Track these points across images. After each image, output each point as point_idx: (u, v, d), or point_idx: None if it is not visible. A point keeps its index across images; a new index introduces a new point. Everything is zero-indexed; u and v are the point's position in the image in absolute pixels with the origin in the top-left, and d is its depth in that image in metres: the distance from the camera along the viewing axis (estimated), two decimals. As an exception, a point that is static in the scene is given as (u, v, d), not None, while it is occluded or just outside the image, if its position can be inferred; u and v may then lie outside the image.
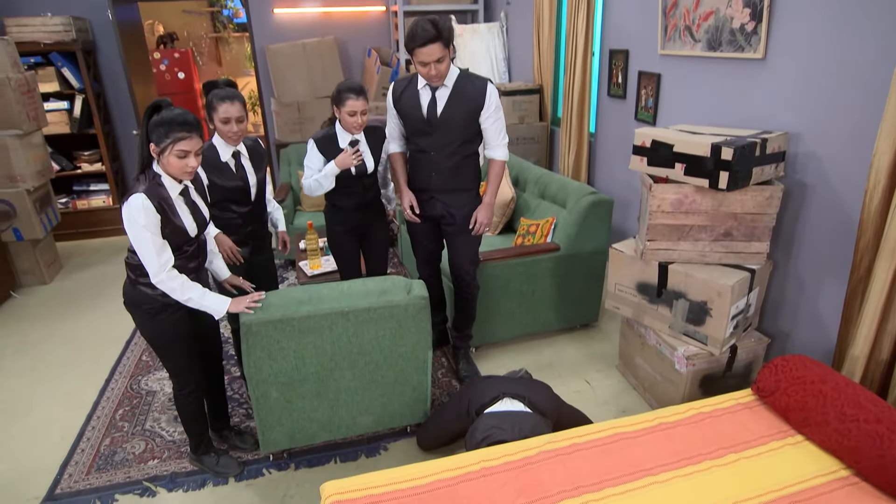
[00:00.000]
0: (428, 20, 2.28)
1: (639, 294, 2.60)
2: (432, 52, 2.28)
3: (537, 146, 4.58)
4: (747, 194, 2.28)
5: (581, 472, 1.71)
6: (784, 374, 1.92)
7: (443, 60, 2.33)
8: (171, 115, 1.82)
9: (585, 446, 1.81)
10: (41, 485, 2.32)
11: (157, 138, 1.81)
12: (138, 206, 1.79)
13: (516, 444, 1.83)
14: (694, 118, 2.93)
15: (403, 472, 1.71)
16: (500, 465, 1.74)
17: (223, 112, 2.26)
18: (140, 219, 1.80)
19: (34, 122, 3.96)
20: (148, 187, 1.83)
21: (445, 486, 1.67)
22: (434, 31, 2.26)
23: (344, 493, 1.62)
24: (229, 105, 2.26)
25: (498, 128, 2.56)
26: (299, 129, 5.26)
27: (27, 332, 3.56)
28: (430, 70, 2.34)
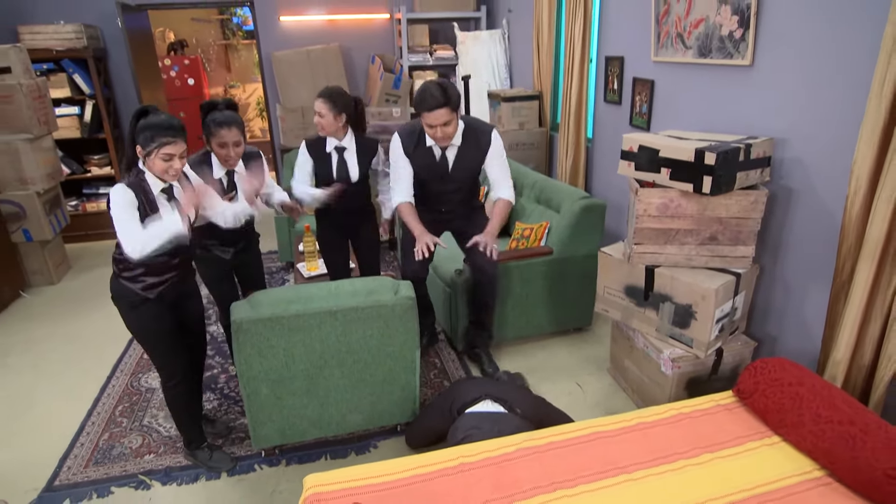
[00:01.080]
0: (437, 85, 2.46)
1: (627, 297, 2.63)
2: (440, 117, 2.46)
3: (536, 151, 4.62)
4: (732, 199, 2.30)
5: (557, 468, 1.74)
6: (763, 376, 1.94)
7: (450, 123, 2.50)
8: (158, 120, 1.91)
9: (563, 444, 1.85)
10: (41, 476, 2.39)
11: (143, 141, 1.90)
12: (117, 191, 1.90)
13: (495, 442, 1.87)
14: (686, 124, 2.96)
15: (382, 467, 1.76)
16: (478, 461, 1.78)
17: (220, 137, 2.32)
18: (119, 200, 1.89)
19: (45, 126, 4.07)
20: (131, 181, 1.94)
21: (423, 481, 1.71)
22: (442, 97, 2.44)
23: (324, 486, 1.67)
24: (227, 131, 2.31)
25: (504, 172, 2.75)
26: (303, 134, 5.33)
27: (34, 330, 3.65)
28: (436, 132, 2.52)
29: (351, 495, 1.63)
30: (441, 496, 1.65)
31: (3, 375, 3.15)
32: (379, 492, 1.66)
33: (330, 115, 2.65)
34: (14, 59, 3.81)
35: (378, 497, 1.63)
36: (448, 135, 2.53)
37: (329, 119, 2.64)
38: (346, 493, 1.64)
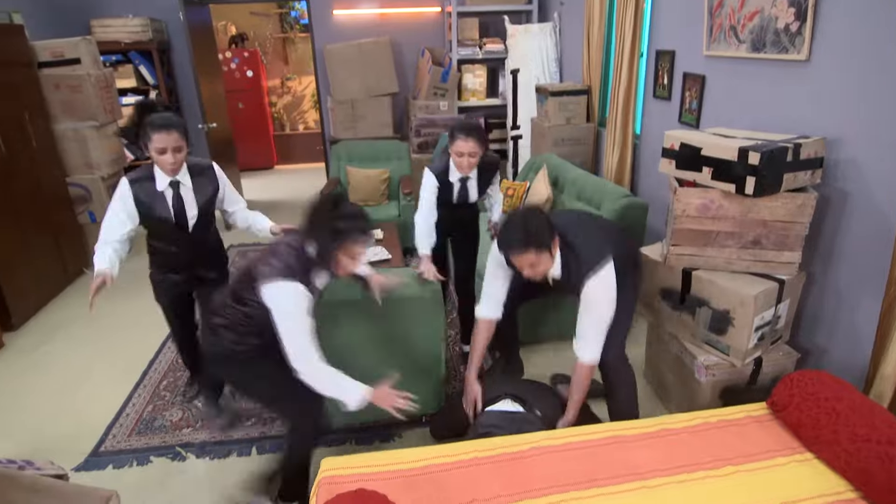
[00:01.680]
0: (521, 220, 2.01)
1: (662, 300, 2.54)
2: (525, 260, 1.98)
3: (583, 147, 4.52)
4: (777, 201, 2.19)
5: (571, 470, 1.71)
6: (799, 388, 1.84)
7: (536, 265, 2.00)
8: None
9: (580, 446, 1.82)
10: (89, 442, 2.57)
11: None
12: (295, 293, 1.77)
13: (512, 438, 1.86)
14: (736, 122, 2.82)
15: (396, 456, 1.78)
16: (492, 456, 1.78)
17: (158, 142, 2.07)
18: (299, 303, 1.79)
19: (110, 114, 4.33)
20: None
21: (435, 472, 1.72)
22: (523, 237, 1.96)
23: (338, 470, 1.71)
24: (165, 135, 2.07)
25: (592, 323, 2.11)
26: (352, 126, 5.45)
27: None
28: (523, 271, 2.05)
29: (362, 481, 1.66)
30: (451, 488, 1.66)
31: (67, 347, 3.38)
32: (390, 479, 1.68)
33: (480, 151, 2.55)
34: (83, 50, 4.06)
35: (389, 484, 1.65)
36: (540, 273, 2.06)
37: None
38: (357, 478, 1.68)
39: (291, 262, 1.78)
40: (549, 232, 1.97)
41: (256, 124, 7.54)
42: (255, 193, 6.55)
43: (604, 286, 2.04)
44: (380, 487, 1.63)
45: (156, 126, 2.07)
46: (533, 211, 2.04)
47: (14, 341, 3.43)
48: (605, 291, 2.06)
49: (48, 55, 4.02)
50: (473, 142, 2.50)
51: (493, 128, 5.77)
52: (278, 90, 7.87)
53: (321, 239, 1.76)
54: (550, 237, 1.97)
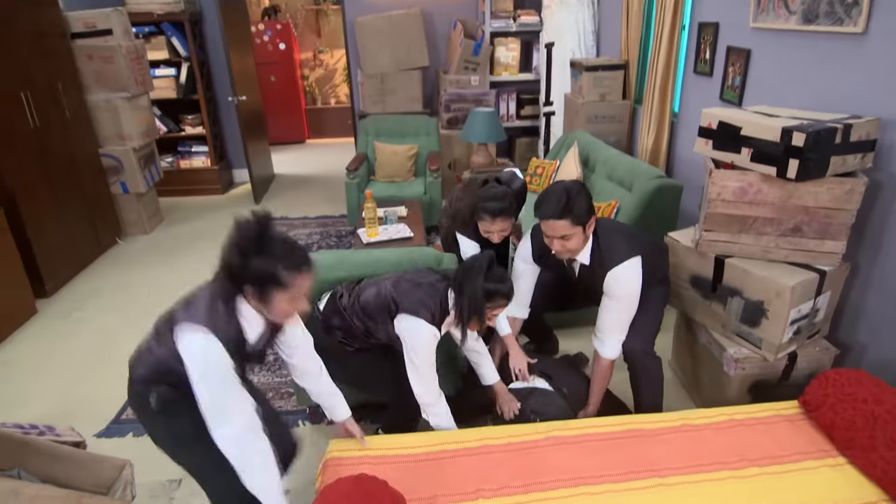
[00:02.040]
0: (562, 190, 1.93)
1: (692, 287, 2.42)
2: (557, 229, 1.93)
3: (618, 125, 4.35)
4: (822, 186, 2.03)
5: (584, 463, 1.65)
6: (835, 388, 1.72)
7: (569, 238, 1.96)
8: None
9: (596, 438, 1.75)
10: (112, 409, 2.62)
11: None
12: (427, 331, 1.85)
13: (523, 427, 1.80)
14: (782, 100, 2.63)
15: (403, 440, 1.75)
16: (502, 444, 1.73)
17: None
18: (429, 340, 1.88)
19: (141, 86, 4.35)
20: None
21: (442, 458, 1.68)
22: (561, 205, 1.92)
23: (343, 452, 1.68)
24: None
25: (616, 318, 2.10)
26: (382, 100, 5.36)
27: (125, 274, 3.98)
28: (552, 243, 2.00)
29: (368, 464, 1.63)
30: (458, 475, 1.62)
31: (96, 314, 3.46)
32: (397, 463, 1.65)
33: (510, 227, 2.31)
34: (115, 21, 4.07)
35: (394, 469, 1.62)
36: (568, 251, 2.00)
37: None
38: (363, 461, 1.65)
39: (434, 305, 1.84)
40: (588, 209, 1.94)
41: (288, 98, 7.52)
42: (285, 168, 6.57)
43: (628, 277, 2.02)
44: (384, 472, 1.60)
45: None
46: (578, 184, 1.99)
47: (47, 308, 3.53)
48: (630, 282, 2.03)
49: (81, 26, 4.05)
50: (501, 222, 2.30)
51: (525, 104, 5.61)
52: (310, 63, 7.83)
53: (472, 296, 1.79)
54: (588, 215, 1.94)
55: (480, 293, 1.79)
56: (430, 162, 4.51)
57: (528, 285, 2.27)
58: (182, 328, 1.42)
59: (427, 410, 1.95)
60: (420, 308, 1.82)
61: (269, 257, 1.41)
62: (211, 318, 1.43)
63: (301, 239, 4.52)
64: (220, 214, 5.14)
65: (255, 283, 1.42)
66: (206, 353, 1.41)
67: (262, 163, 5.74)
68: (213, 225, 4.87)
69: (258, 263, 1.40)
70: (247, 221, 1.41)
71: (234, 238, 1.41)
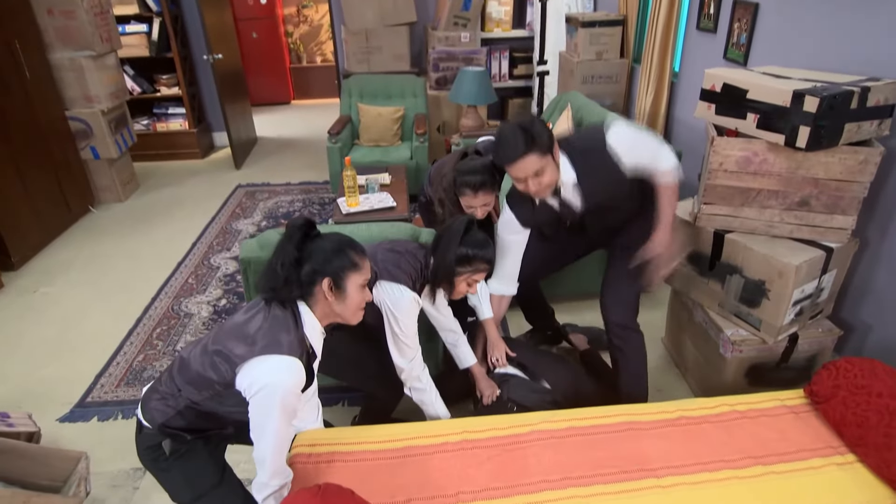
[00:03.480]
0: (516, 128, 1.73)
1: (689, 264, 2.27)
2: (526, 167, 1.74)
3: (614, 86, 4.11)
4: (835, 156, 1.86)
5: (573, 461, 1.52)
6: (846, 379, 1.59)
7: (543, 171, 1.76)
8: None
9: (586, 432, 1.62)
10: (77, 391, 2.49)
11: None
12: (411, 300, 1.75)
13: (507, 419, 1.67)
14: (792, 59, 2.43)
15: (377, 432, 1.62)
16: (484, 439, 1.60)
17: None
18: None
19: (107, 43, 4.07)
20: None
21: (418, 454, 1.56)
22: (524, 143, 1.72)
23: (312, 447, 1.55)
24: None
25: (651, 152, 1.89)
26: (366, 59, 5.07)
27: (97, 245, 3.80)
28: (527, 186, 1.79)
29: (336, 461, 1.50)
30: (436, 476, 1.49)
31: (64, 289, 3.30)
32: (369, 461, 1.53)
33: (493, 199, 2.13)
34: (74, -28, 3.77)
35: (367, 467, 1.50)
36: (547, 186, 1.81)
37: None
38: (333, 457, 1.52)
39: (415, 270, 1.75)
40: (547, 133, 1.76)
41: (271, 56, 7.18)
42: (269, 130, 6.31)
43: (625, 129, 1.85)
44: (355, 471, 1.48)
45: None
46: (527, 114, 1.81)
47: (13, 282, 3.36)
48: (629, 129, 1.87)
49: (39, -23, 3.75)
50: (483, 195, 2.12)
51: (518, 62, 5.33)
52: (294, 19, 7.44)
53: (443, 258, 1.71)
54: (551, 139, 1.77)
55: (452, 255, 1.69)
56: (416, 125, 4.29)
57: (514, 259, 2.10)
58: (260, 360, 1.27)
59: (410, 384, 1.84)
60: (400, 274, 1.73)
61: (335, 242, 1.38)
62: (287, 340, 1.30)
63: (283, 207, 4.33)
64: (199, 180, 4.92)
65: (332, 271, 1.35)
66: (290, 376, 1.28)
67: (243, 125, 5.49)
68: (191, 191, 4.67)
69: (329, 248, 1.36)
70: (294, 224, 1.37)
71: (289, 243, 1.35)
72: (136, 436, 1.45)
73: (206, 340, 1.38)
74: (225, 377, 1.30)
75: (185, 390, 1.36)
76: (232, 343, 1.31)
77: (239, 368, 1.28)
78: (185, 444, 1.42)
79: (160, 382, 1.43)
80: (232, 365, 1.29)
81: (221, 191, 4.64)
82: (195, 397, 1.35)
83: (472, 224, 1.76)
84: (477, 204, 2.13)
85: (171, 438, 1.40)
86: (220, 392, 1.32)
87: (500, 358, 2.08)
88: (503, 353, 2.10)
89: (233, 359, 1.29)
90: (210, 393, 1.33)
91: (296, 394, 1.31)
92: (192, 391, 1.35)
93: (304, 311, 1.37)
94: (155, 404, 1.40)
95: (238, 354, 1.29)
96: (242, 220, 4.09)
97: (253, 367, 1.27)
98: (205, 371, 1.32)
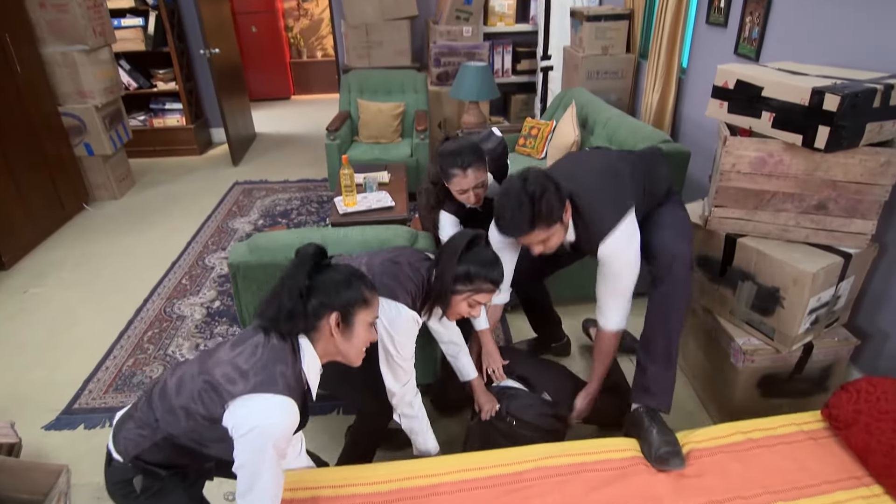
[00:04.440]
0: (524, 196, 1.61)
1: (698, 268, 2.18)
2: (533, 238, 1.68)
3: (620, 82, 4.01)
4: (855, 157, 1.76)
5: (580, 502, 1.42)
6: (867, 403, 1.49)
7: (547, 241, 1.71)
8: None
9: (592, 468, 1.51)
10: (64, 397, 2.41)
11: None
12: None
13: (508, 455, 1.56)
14: (807, 55, 2.32)
15: (365, 473, 1.50)
16: (483, 478, 1.48)
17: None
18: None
19: (101, 37, 3.98)
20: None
21: (411, 498, 1.44)
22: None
23: (293, 491, 1.41)
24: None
25: (613, 291, 1.84)
26: (367, 53, 4.97)
27: (91, 244, 3.72)
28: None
29: None
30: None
31: (55, 289, 3.22)
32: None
33: (485, 176, 2.07)
34: (66, -37, 3.67)
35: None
36: (552, 248, 1.74)
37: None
38: (316, 502, 1.42)
39: (415, 288, 1.61)
40: (557, 200, 1.63)
41: (271, 50, 7.08)
42: (268, 126, 6.22)
43: (622, 245, 1.73)
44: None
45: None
46: (534, 177, 1.63)
47: (3, 282, 3.29)
48: (625, 250, 1.75)
49: (30, -31, 3.66)
50: (474, 172, 2.01)
51: (522, 57, 5.23)
52: (294, 13, 7.34)
53: (439, 276, 1.58)
54: (560, 206, 1.63)
55: (450, 274, 1.55)
56: (417, 121, 4.19)
57: (507, 267, 1.90)
58: (252, 398, 1.16)
59: (400, 410, 1.73)
60: (397, 289, 1.58)
61: (345, 274, 1.28)
62: (283, 377, 1.19)
63: (280, 205, 4.24)
64: (196, 177, 4.84)
65: (341, 305, 1.25)
66: (284, 418, 1.17)
67: (241, 121, 5.40)
68: (188, 188, 4.59)
69: (340, 280, 1.26)
70: (305, 252, 1.26)
71: (299, 272, 1.23)
72: (105, 468, 1.32)
73: (192, 368, 1.26)
74: (211, 411, 1.18)
75: (163, 420, 1.23)
76: (222, 373, 1.19)
77: (228, 404, 1.16)
78: (160, 480, 1.29)
79: (136, 409, 1.30)
80: (221, 399, 1.17)
81: (218, 188, 4.56)
82: (174, 429, 1.22)
83: (477, 239, 1.61)
84: (468, 185, 2.01)
85: (143, 474, 1.27)
86: (205, 426, 1.20)
87: (496, 370, 1.99)
88: (499, 364, 2.00)
89: (223, 392, 1.17)
90: (192, 425, 1.21)
91: (288, 437, 1.20)
92: (171, 422, 1.22)
93: (305, 345, 1.25)
94: (128, 433, 1.27)
95: (228, 390, 1.17)
96: (239, 219, 4.01)
97: (244, 405, 1.15)
98: (189, 402, 1.20)
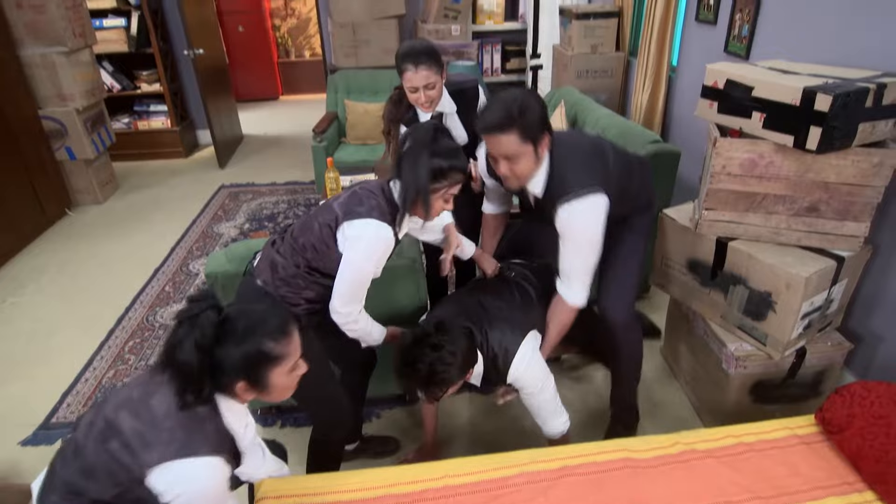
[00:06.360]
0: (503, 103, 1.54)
1: (689, 272, 2.13)
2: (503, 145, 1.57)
3: (610, 81, 3.97)
4: (847, 158, 1.72)
5: (564, 504, 1.38)
6: (862, 407, 1.45)
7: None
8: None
9: (579, 471, 1.47)
10: (42, 411, 2.35)
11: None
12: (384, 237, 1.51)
13: (493, 461, 1.52)
14: (799, 53, 2.28)
15: (350, 480, 1.46)
16: (468, 484, 1.45)
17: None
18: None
19: (80, 39, 3.90)
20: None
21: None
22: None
23: (278, 499, 1.40)
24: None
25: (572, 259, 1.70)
26: (354, 52, 4.91)
27: (72, 251, 3.64)
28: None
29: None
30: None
31: (34, 298, 3.15)
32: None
33: (440, 80, 2.01)
34: (42, -37, 3.59)
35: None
36: (516, 174, 1.63)
37: (440, 86, 2.01)
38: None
39: (381, 205, 1.52)
40: (541, 122, 1.55)
41: (259, 50, 7.00)
42: (256, 127, 6.14)
43: (583, 217, 1.61)
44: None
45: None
46: (530, 92, 1.61)
47: (-18, 291, 3.21)
48: (586, 224, 1.62)
49: (6, -31, 3.57)
50: (425, 69, 1.96)
51: (511, 56, 5.18)
52: (281, 12, 7.25)
53: (414, 175, 1.48)
54: (541, 130, 1.56)
55: (424, 171, 1.47)
56: (405, 122, 4.13)
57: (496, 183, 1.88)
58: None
59: (343, 327, 1.59)
60: (368, 210, 1.49)
61: (247, 336, 1.12)
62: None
63: (267, 208, 4.18)
64: (181, 180, 4.76)
65: (245, 373, 1.13)
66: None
67: (228, 123, 5.32)
68: (173, 192, 4.51)
69: (235, 352, 1.11)
70: (195, 307, 1.10)
71: (189, 339, 1.07)
72: None
73: (102, 421, 1.11)
74: (132, 473, 1.07)
75: (80, 485, 1.09)
76: (135, 429, 1.08)
77: (150, 471, 1.07)
78: None
79: (53, 474, 1.15)
80: (140, 465, 1.07)
81: (204, 191, 4.49)
82: (101, 494, 1.09)
83: (438, 132, 1.52)
84: (419, 83, 1.95)
85: None
86: (130, 488, 1.08)
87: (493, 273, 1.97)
88: (494, 266, 1.97)
89: (141, 455, 1.07)
90: (119, 490, 1.09)
91: (222, 493, 1.13)
92: (93, 487, 1.09)
93: (222, 402, 1.16)
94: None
95: (144, 459, 1.07)
96: (224, 223, 3.94)
97: (167, 471, 1.06)
98: (107, 461, 1.08)
